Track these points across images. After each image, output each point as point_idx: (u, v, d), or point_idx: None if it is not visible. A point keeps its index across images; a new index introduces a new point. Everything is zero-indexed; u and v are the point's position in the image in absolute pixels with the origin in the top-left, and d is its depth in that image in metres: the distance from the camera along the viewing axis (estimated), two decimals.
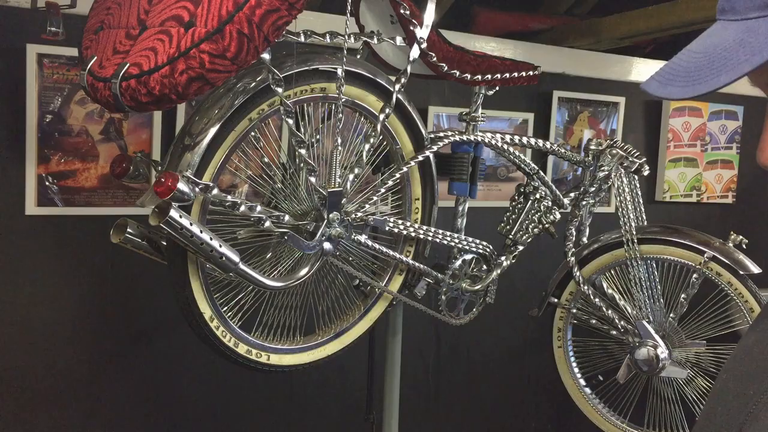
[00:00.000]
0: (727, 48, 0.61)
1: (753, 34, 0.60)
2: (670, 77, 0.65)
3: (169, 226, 1.21)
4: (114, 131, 1.97)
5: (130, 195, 2.00)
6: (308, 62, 1.37)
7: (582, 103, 2.81)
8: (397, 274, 1.72)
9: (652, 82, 0.67)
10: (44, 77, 1.86)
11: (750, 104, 3.15)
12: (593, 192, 1.91)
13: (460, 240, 1.75)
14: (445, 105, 2.45)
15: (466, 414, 2.78)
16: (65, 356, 2.01)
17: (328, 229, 1.47)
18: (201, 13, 1.12)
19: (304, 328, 1.63)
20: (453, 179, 1.76)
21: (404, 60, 1.48)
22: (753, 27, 0.60)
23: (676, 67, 0.66)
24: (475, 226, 1.96)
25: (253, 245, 1.52)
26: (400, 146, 1.61)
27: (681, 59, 0.66)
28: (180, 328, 1.90)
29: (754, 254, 1.84)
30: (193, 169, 1.28)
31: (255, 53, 1.13)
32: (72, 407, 2.04)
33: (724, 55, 0.60)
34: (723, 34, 0.63)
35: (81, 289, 2.02)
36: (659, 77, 0.67)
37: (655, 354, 1.86)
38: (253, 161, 1.48)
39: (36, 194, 1.89)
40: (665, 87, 0.65)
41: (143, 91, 1.12)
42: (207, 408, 2.25)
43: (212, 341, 1.45)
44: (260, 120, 1.37)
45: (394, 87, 1.49)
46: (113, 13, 1.31)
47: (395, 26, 1.53)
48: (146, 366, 2.14)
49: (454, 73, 1.57)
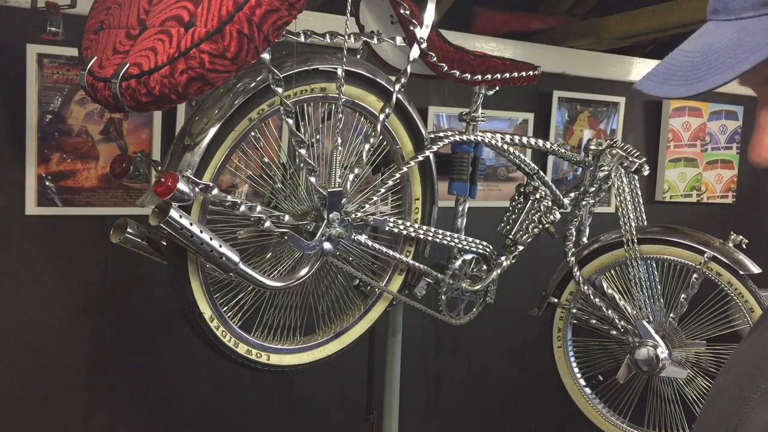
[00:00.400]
0: (724, 47, 0.60)
1: (749, 33, 0.60)
2: (665, 77, 0.64)
3: (169, 226, 1.21)
4: (114, 131, 1.97)
5: (130, 195, 2.00)
6: (308, 62, 1.37)
7: (582, 103, 2.81)
8: (397, 274, 1.72)
9: (647, 82, 0.66)
10: (44, 77, 1.86)
11: (750, 104, 3.15)
12: (593, 192, 1.91)
13: (460, 240, 1.75)
14: (445, 105, 2.45)
15: (466, 414, 2.78)
16: (65, 356, 2.01)
17: (328, 229, 1.47)
18: (201, 13, 1.12)
19: (304, 328, 1.63)
20: (453, 179, 1.76)
21: (404, 60, 1.48)
22: (748, 26, 0.60)
23: (671, 66, 0.65)
24: (475, 226, 1.96)
25: (253, 245, 1.52)
26: (400, 146, 1.61)
27: (675, 59, 0.65)
28: (180, 328, 1.90)
29: (754, 254, 1.84)
30: (193, 169, 1.28)
31: (255, 53, 1.13)
32: (72, 407, 2.04)
33: (722, 54, 0.60)
34: (717, 33, 0.62)
35: (81, 289, 2.02)
36: (654, 77, 0.65)
37: (655, 354, 1.86)
38: (253, 161, 1.48)
39: (36, 194, 1.89)
40: (661, 86, 0.64)
41: (143, 91, 1.12)
42: (207, 408, 2.25)
43: (212, 341, 1.45)
44: (260, 120, 1.37)
45: (394, 87, 1.49)
46: (113, 13, 1.31)
47: (395, 26, 1.53)
48: (146, 366, 2.14)
49: (454, 73, 1.57)
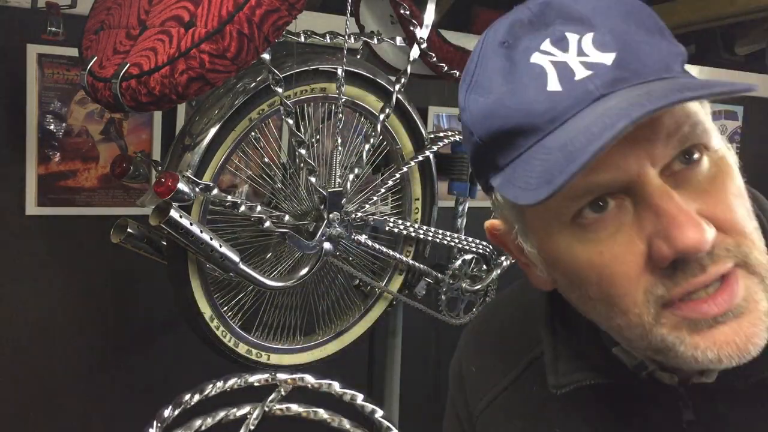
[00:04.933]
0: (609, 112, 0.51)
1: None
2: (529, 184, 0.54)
3: (170, 226, 1.21)
4: (114, 131, 1.97)
5: (130, 195, 2.00)
6: (308, 62, 1.38)
7: None
8: (397, 274, 1.72)
9: (518, 192, 0.54)
10: (44, 77, 1.86)
11: (750, 104, 3.15)
12: None
13: (460, 240, 1.75)
14: (445, 105, 2.44)
15: None
16: (64, 356, 2.01)
17: (328, 229, 1.47)
18: (201, 13, 1.12)
19: (304, 328, 1.63)
20: (453, 179, 1.76)
21: (404, 60, 1.49)
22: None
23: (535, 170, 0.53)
24: (475, 226, 1.96)
25: (253, 245, 1.52)
26: (400, 146, 1.61)
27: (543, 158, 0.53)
28: (180, 328, 1.90)
29: None
30: (193, 169, 1.28)
31: (255, 53, 1.13)
32: (71, 407, 2.04)
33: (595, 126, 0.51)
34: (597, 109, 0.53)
35: (81, 289, 2.01)
36: (521, 183, 0.54)
37: None
38: (253, 161, 1.48)
39: (36, 194, 1.89)
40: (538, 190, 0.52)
41: (143, 91, 1.12)
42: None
43: (212, 341, 1.45)
44: (260, 120, 1.37)
45: (394, 87, 1.49)
46: (113, 14, 1.31)
47: (395, 26, 1.53)
48: (146, 366, 2.14)
49: (454, 73, 1.57)
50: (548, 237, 0.58)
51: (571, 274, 0.58)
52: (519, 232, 0.62)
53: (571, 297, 0.62)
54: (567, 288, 0.61)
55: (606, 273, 0.55)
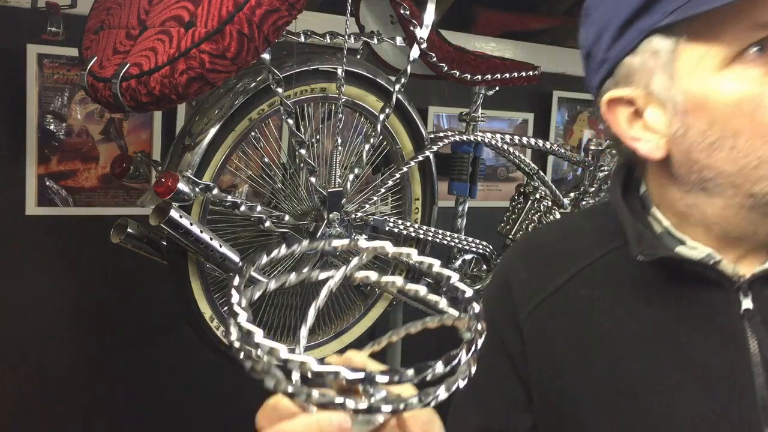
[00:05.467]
0: None
1: None
2: None
3: (170, 226, 1.21)
4: (114, 131, 1.97)
5: (130, 195, 2.00)
6: (308, 62, 1.38)
7: (582, 103, 2.81)
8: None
9: None
10: (44, 77, 1.86)
11: None
12: (593, 192, 1.91)
13: (460, 240, 1.75)
14: (445, 105, 2.45)
15: None
16: (64, 356, 2.01)
17: (328, 229, 1.47)
18: (201, 13, 1.12)
19: None
20: (453, 179, 1.76)
21: (404, 60, 1.49)
22: None
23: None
24: (475, 226, 1.96)
25: (253, 245, 1.52)
26: (400, 146, 1.61)
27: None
28: (180, 328, 1.90)
29: None
30: (193, 169, 1.28)
31: (255, 53, 1.13)
32: (72, 407, 2.04)
33: None
34: None
35: (81, 289, 2.01)
36: None
37: None
38: (253, 161, 1.48)
39: (36, 194, 1.89)
40: None
41: (143, 91, 1.12)
42: (206, 408, 2.25)
43: (212, 341, 1.45)
44: (260, 120, 1.37)
45: (394, 87, 1.49)
46: (113, 14, 1.31)
47: (395, 26, 1.53)
48: (146, 366, 2.14)
49: (454, 73, 1.57)
50: (701, 79, 0.64)
51: (720, 111, 0.63)
52: (658, 86, 0.67)
53: (702, 144, 0.65)
54: (700, 136, 0.65)
55: (765, 103, 0.62)
